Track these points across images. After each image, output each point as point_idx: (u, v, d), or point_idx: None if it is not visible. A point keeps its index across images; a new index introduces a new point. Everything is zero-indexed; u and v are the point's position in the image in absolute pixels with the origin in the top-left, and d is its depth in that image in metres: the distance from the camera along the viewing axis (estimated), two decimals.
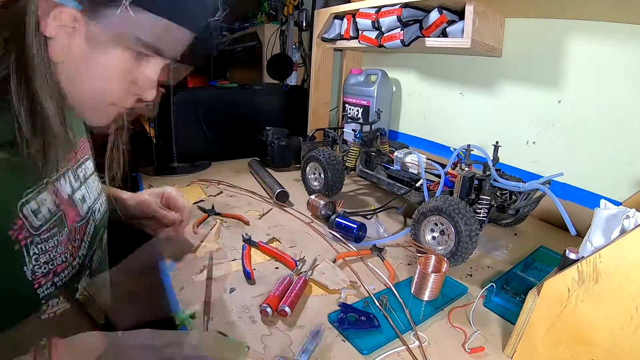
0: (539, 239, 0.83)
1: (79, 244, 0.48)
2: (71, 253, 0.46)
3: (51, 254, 0.42)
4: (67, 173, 0.49)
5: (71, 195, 0.48)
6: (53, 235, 0.42)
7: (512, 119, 1.02)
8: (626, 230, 0.42)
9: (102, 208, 0.57)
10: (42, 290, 0.42)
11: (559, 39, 0.89)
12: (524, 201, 0.77)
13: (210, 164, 1.31)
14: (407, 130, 1.36)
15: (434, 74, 1.24)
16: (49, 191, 0.43)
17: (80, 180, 0.52)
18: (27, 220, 0.39)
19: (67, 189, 0.48)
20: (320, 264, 0.69)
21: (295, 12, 1.75)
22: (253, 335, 0.53)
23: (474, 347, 0.52)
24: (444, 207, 0.69)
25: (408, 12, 1.00)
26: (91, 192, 0.54)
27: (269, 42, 1.86)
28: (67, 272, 0.45)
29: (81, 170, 0.53)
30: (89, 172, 0.55)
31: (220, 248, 0.75)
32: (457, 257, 0.69)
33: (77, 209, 0.49)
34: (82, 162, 0.54)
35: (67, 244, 0.45)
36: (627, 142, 0.81)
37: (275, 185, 1.03)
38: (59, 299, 0.45)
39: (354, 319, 0.55)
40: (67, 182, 0.48)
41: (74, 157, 0.52)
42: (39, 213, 0.41)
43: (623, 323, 0.41)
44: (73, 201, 0.48)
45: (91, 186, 0.55)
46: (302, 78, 1.82)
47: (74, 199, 0.48)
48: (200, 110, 1.31)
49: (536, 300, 0.47)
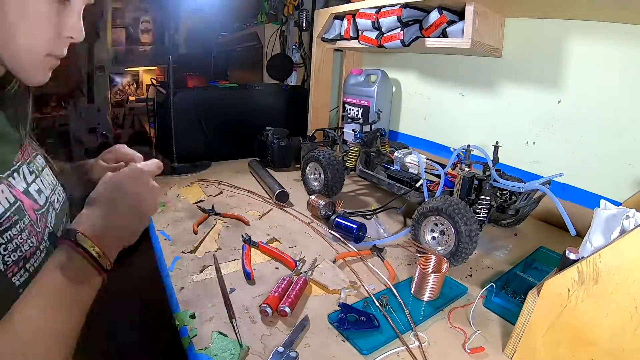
0: (539, 239, 0.83)
1: (42, 231, 0.49)
2: (36, 238, 0.47)
3: (17, 240, 0.43)
4: (20, 169, 0.49)
5: (27, 188, 0.49)
6: (15, 223, 0.43)
7: (512, 119, 1.02)
8: (626, 230, 0.42)
9: (60, 198, 0.57)
10: (16, 278, 0.42)
11: (559, 39, 0.89)
12: (524, 201, 0.77)
13: (210, 164, 1.31)
14: (407, 130, 1.36)
15: (434, 74, 1.24)
16: (4, 185, 0.44)
17: (34, 173, 0.52)
18: None
19: (22, 184, 0.48)
20: (320, 264, 0.69)
21: (295, 12, 1.75)
22: (253, 335, 0.53)
23: (474, 348, 0.52)
24: (444, 208, 0.69)
25: (408, 12, 1.00)
26: (46, 185, 0.55)
27: (269, 42, 1.86)
28: (37, 256, 0.46)
29: (32, 166, 0.53)
30: (40, 166, 0.56)
31: (219, 248, 0.75)
32: (457, 257, 0.69)
33: (35, 199, 0.50)
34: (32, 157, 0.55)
35: (31, 229, 0.46)
36: (627, 142, 0.81)
37: (275, 185, 1.03)
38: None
39: (354, 319, 0.55)
40: (21, 177, 0.49)
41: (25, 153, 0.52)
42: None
43: (623, 323, 0.41)
44: (29, 193, 0.49)
45: (45, 179, 0.55)
46: (302, 78, 1.82)
47: (29, 192, 0.49)
48: (200, 110, 1.31)
49: (536, 301, 0.47)
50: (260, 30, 1.92)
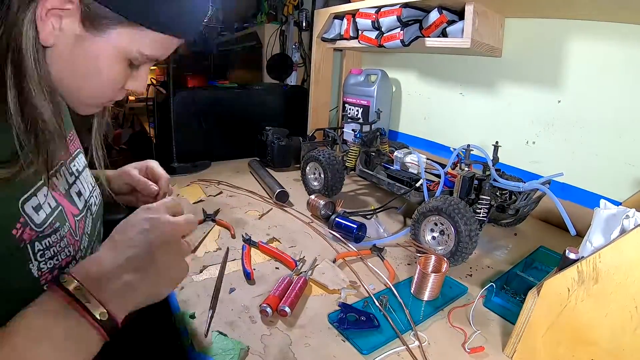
0: (539, 239, 0.83)
1: (80, 238, 0.48)
2: (74, 247, 0.46)
3: (55, 248, 0.42)
4: (62, 169, 0.49)
5: (68, 190, 0.48)
6: (56, 230, 0.42)
7: (512, 119, 1.02)
8: (626, 230, 0.42)
9: (97, 201, 0.57)
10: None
11: (559, 39, 0.89)
12: (524, 201, 0.77)
13: (210, 164, 1.31)
14: (407, 130, 1.36)
15: (434, 74, 1.24)
16: (48, 188, 0.43)
17: (74, 174, 0.52)
18: (29, 217, 0.39)
19: (64, 185, 0.48)
20: (320, 264, 0.69)
21: (295, 12, 1.75)
22: (253, 335, 0.53)
23: (473, 347, 0.52)
24: (444, 207, 0.69)
25: (408, 12, 1.00)
26: (86, 186, 0.54)
27: (269, 42, 1.86)
28: (72, 265, 0.45)
29: (74, 165, 0.53)
30: (81, 165, 0.55)
31: (219, 248, 0.75)
32: (457, 257, 0.69)
33: (75, 203, 0.49)
34: (75, 156, 0.54)
35: (70, 237, 0.45)
36: (627, 142, 0.81)
37: (275, 185, 1.03)
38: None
39: (354, 319, 0.55)
40: (63, 177, 0.48)
41: (67, 152, 0.52)
42: (40, 209, 0.41)
43: (623, 323, 0.41)
44: (70, 196, 0.48)
45: (85, 180, 0.55)
46: (302, 78, 1.82)
47: (70, 194, 0.49)
48: (200, 110, 1.31)
49: (536, 300, 0.47)
50: (260, 30, 1.92)
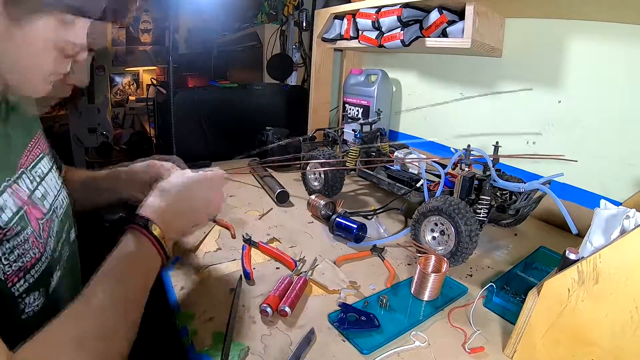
0: (539, 239, 0.83)
1: (45, 241, 0.48)
2: (39, 249, 0.46)
3: (19, 250, 0.43)
4: (22, 176, 0.49)
5: (30, 196, 0.49)
6: (19, 233, 0.43)
7: (512, 119, 1.02)
8: (626, 230, 0.42)
9: (63, 204, 0.57)
10: (15, 288, 0.42)
11: (559, 39, 0.89)
12: (524, 201, 0.77)
13: (210, 164, 1.31)
14: (407, 130, 1.36)
15: (434, 74, 1.24)
16: (8, 193, 0.44)
17: (36, 180, 0.52)
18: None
19: (26, 190, 0.48)
20: (320, 264, 0.69)
21: (295, 12, 1.74)
22: (253, 335, 0.53)
23: (474, 347, 0.52)
24: (444, 207, 0.69)
25: (408, 12, 1.00)
26: (50, 190, 0.54)
27: (269, 42, 1.86)
28: (38, 267, 0.46)
29: (36, 170, 0.53)
30: (46, 169, 0.55)
31: (219, 248, 0.75)
32: (457, 257, 0.69)
33: (39, 207, 0.49)
34: (38, 160, 0.54)
35: (34, 240, 0.46)
36: (627, 142, 0.81)
37: (276, 185, 1.03)
38: (35, 295, 0.45)
39: (354, 319, 0.55)
40: (24, 184, 0.48)
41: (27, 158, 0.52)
42: (2, 213, 0.41)
43: (623, 323, 0.41)
44: (33, 201, 0.49)
45: (49, 184, 0.54)
46: (302, 78, 1.81)
47: (33, 199, 0.49)
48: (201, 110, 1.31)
49: (536, 300, 0.47)
50: (260, 30, 1.92)
